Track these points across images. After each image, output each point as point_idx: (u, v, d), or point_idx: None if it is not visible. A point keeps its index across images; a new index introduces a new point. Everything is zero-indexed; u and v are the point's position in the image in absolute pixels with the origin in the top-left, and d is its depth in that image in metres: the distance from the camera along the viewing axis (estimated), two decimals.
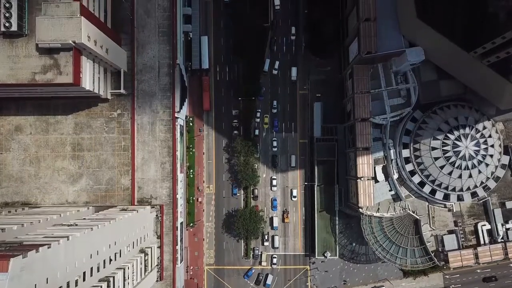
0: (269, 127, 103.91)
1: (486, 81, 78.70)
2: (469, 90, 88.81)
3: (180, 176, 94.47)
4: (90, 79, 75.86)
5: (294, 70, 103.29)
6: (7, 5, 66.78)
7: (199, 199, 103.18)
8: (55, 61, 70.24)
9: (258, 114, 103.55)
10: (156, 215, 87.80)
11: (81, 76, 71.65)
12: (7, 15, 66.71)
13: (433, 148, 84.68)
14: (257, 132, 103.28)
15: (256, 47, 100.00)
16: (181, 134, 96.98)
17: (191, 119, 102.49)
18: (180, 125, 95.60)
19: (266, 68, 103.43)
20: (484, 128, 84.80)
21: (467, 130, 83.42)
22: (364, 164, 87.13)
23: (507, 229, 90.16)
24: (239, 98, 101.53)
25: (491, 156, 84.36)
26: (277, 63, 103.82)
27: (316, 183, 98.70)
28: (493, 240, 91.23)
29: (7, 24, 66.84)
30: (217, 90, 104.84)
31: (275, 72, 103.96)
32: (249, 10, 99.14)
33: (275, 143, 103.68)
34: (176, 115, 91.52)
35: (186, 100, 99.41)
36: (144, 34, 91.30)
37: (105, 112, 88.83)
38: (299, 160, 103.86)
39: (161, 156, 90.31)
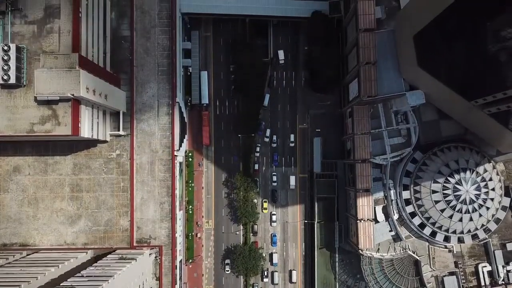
0: (269, 161, 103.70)
1: (486, 127, 78.38)
2: (469, 130, 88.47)
3: (179, 214, 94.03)
4: (89, 127, 75.48)
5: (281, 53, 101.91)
6: (6, 57, 66.42)
7: (198, 235, 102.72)
8: (54, 111, 69.83)
9: (258, 149, 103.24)
10: (155, 257, 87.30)
11: (79, 126, 71.20)
12: (5, 67, 66.35)
13: (434, 191, 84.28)
14: (256, 166, 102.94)
15: (256, 83, 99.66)
16: (181, 171, 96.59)
17: (190, 154, 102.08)
18: (180, 162, 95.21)
19: (266, 103, 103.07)
20: (485, 171, 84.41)
21: (468, 173, 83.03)
22: (365, 206, 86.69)
23: (508, 271, 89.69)
24: (239, 135, 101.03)
25: (492, 199, 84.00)
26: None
27: (316, 220, 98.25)
28: (494, 282, 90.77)
29: (5, 77, 66.45)
30: (217, 124, 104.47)
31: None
32: (249, 49, 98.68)
33: (274, 178, 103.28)
34: (175, 153, 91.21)
35: (186, 136, 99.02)
36: (143, 73, 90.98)
37: (104, 152, 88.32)
38: (299, 195, 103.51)
39: (160, 196, 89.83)
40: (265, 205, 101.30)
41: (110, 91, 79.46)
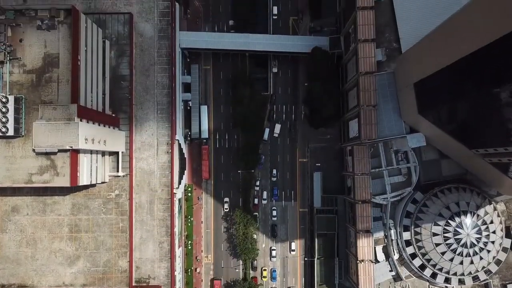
0: (268, 198, 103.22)
1: (487, 172, 77.94)
2: (470, 171, 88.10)
3: (178, 251, 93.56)
4: (88, 173, 75.08)
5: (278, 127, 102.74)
6: (4, 109, 66.05)
7: (198, 270, 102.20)
8: (52, 162, 69.45)
9: (258, 183, 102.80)
10: None
11: (78, 175, 70.75)
12: (3, 120, 66.01)
13: (434, 234, 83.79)
14: (256, 201, 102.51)
15: (256, 117, 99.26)
16: (180, 207, 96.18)
17: (189, 189, 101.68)
18: (179, 199, 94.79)
19: (266, 137, 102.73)
20: (486, 213, 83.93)
21: (469, 216, 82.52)
22: (365, 247, 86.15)
23: None
24: (238, 171, 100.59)
25: (493, 242, 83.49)
26: (278, 126, 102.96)
27: (316, 257, 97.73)
28: None
29: (3, 130, 66.13)
30: (216, 157, 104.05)
31: (276, 135, 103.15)
32: (249, 85, 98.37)
33: (274, 212, 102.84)
34: (174, 191, 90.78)
35: (185, 171, 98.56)
36: (142, 111, 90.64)
37: (103, 192, 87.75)
38: (299, 230, 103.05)
39: (159, 236, 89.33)
40: (265, 273, 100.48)
41: (109, 135, 79.07)
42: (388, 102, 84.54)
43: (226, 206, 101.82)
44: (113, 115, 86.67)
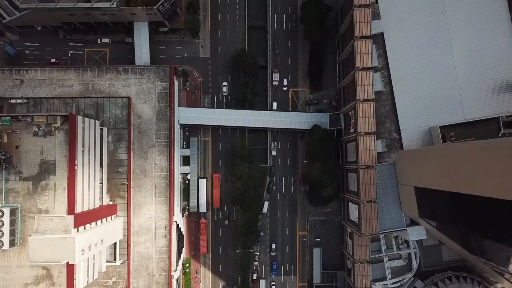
0: (268, 270, 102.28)
1: (487, 269, 77.17)
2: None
3: None
4: (84, 275, 73.71)
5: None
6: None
7: None
8: (48, 271, 68.38)
9: (257, 257, 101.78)
10: None
11: (74, 283, 69.64)
12: None
13: None
14: (255, 276, 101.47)
15: (255, 192, 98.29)
16: (178, 286, 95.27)
17: (187, 264, 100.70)
18: (177, 279, 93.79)
19: (265, 210, 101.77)
20: None
21: None
22: None
23: None
24: (237, 251, 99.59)
25: None
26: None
27: None
28: None
29: None
30: (215, 231, 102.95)
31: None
32: (248, 162, 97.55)
33: None
34: (172, 273, 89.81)
35: (183, 249, 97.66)
36: (140, 194, 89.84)
37: (100, 280, 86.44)
38: None
39: None
40: None
41: (106, 232, 78.07)
42: (388, 193, 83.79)
43: (224, 284, 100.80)
44: (111, 202, 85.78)
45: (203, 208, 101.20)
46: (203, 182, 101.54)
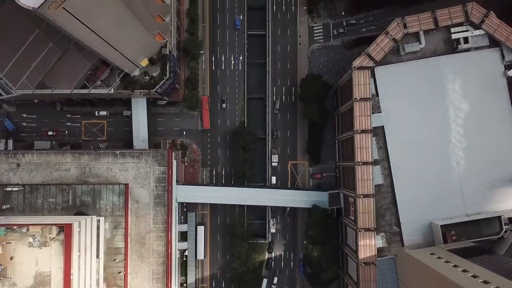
0: None
1: None
2: None
3: None
4: None
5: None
6: None
7: None
8: None
9: None
10: None
11: None
12: None
13: None
14: None
15: (253, 271, 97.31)
16: None
17: None
18: None
19: None
20: None
21: None
22: None
23: None
24: None
25: None
26: (275, 279, 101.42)
27: None
28: None
29: None
30: None
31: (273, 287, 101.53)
32: (247, 242, 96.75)
33: None
34: None
35: None
36: (137, 280, 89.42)
37: None
38: None
39: None
40: None
41: None
42: (388, 284, 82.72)
43: None
44: None
45: (200, 256, 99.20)
46: (201, 229, 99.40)
